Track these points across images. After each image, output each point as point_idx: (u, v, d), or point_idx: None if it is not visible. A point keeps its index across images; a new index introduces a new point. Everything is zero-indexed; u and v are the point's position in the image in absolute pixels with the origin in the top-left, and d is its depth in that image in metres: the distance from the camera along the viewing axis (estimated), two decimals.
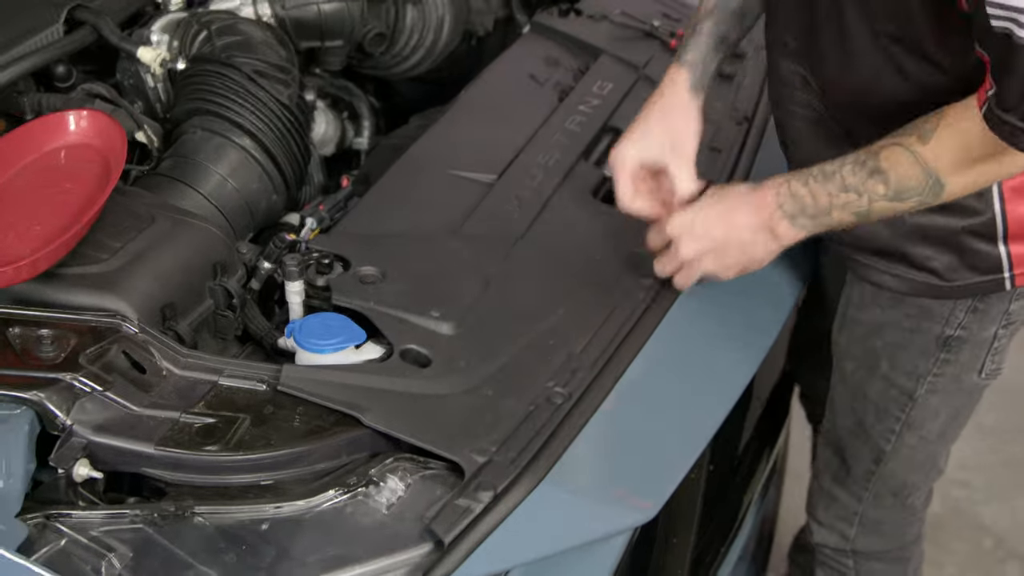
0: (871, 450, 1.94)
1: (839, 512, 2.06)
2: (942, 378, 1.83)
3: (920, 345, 1.81)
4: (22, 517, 1.34)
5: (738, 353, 1.75)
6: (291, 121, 1.95)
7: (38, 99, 1.98)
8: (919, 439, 1.91)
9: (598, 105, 2.14)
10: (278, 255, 1.75)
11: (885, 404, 1.88)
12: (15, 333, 1.53)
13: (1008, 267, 1.70)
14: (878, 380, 1.87)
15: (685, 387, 1.68)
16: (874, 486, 1.98)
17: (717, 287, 1.77)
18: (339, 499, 1.42)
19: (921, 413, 1.87)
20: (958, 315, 1.77)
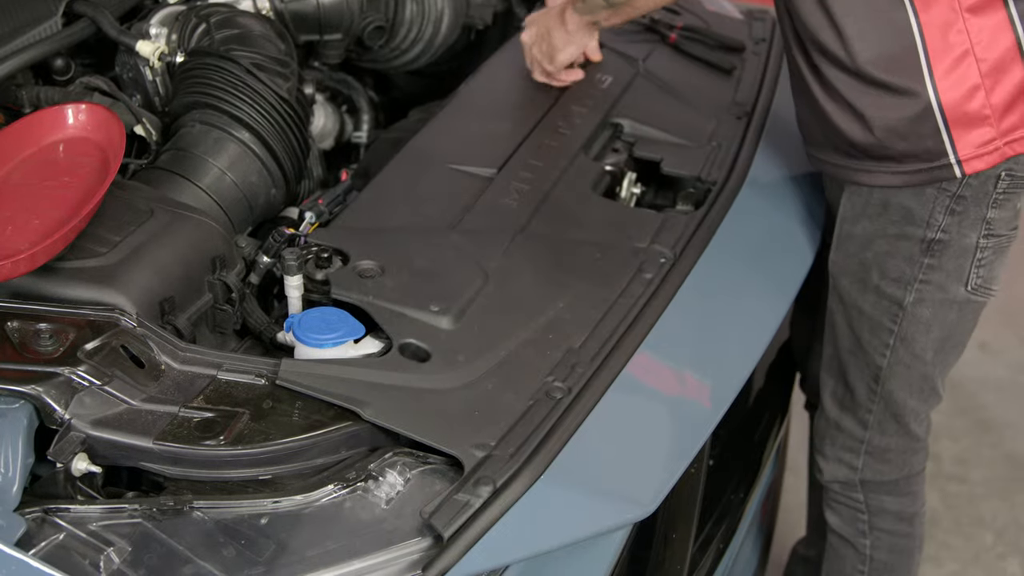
0: (869, 367, 2.01)
1: (845, 443, 2.13)
2: (928, 285, 1.90)
3: (905, 251, 1.89)
4: (21, 511, 1.34)
5: (737, 349, 1.75)
6: (290, 115, 1.95)
7: (37, 92, 1.98)
8: (913, 356, 1.97)
9: (598, 99, 2.14)
10: (277, 249, 1.75)
11: (878, 317, 1.96)
12: (13, 327, 1.53)
13: (952, 152, 1.79)
14: (870, 292, 1.95)
15: (684, 382, 1.68)
16: (877, 409, 2.05)
17: (715, 281, 1.77)
18: (338, 494, 1.42)
19: (912, 326, 1.94)
20: (937, 217, 1.84)
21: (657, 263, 1.78)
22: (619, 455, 1.54)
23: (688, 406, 1.65)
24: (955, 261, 1.89)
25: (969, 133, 1.78)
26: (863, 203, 1.91)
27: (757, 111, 2.18)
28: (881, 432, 2.08)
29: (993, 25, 1.74)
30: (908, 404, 2.04)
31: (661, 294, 1.72)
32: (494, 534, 1.37)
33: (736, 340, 1.76)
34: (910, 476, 2.15)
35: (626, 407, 1.56)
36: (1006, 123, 1.78)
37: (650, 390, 1.63)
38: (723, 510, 2.08)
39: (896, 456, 2.11)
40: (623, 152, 2.06)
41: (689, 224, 1.86)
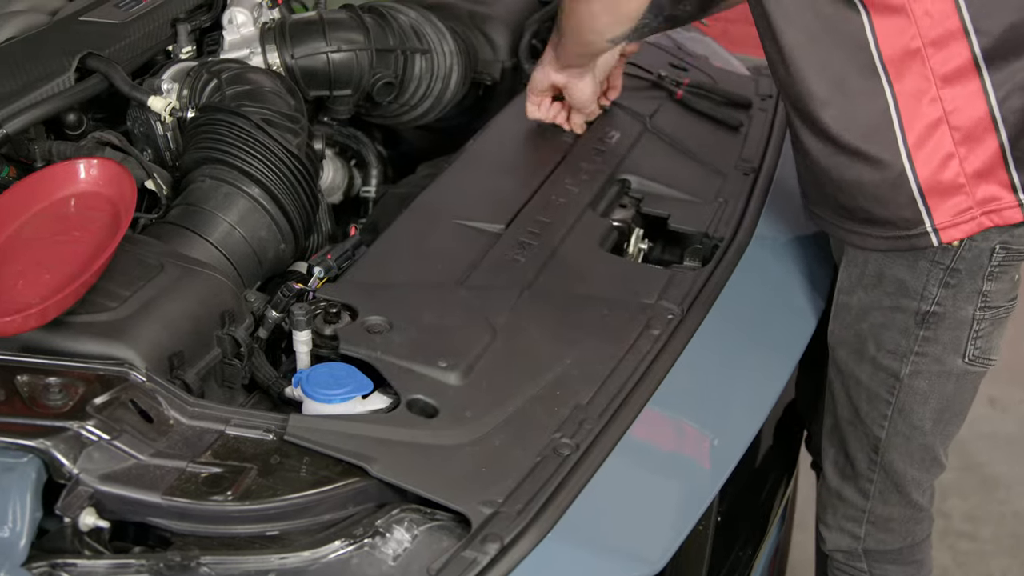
0: (868, 438, 1.99)
1: (847, 512, 2.10)
2: (925, 358, 1.89)
3: (900, 323, 1.87)
4: (28, 566, 1.34)
5: (744, 406, 1.75)
6: (300, 170, 1.96)
7: (49, 147, 2.00)
8: (912, 428, 1.95)
9: (605, 155, 2.15)
10: (286, 304, 1.75)
11: (875, 388, 1.94)
12: (23, 381, 1.53)
13: (928, 220, 1.78)
14: (867, 363, 1.93)
15: (691, 439, 1.68)
16: (878, 479, 2.02)
17: (722, 338, 1.78)
18: (345, 550, 1.42)
19: (909, 397, 1.92)
20: (931, 290, 1.83)
21: (664, 319, 1.78)
22: (627, 512, 1.54)
23: (695, 463, 1.65)
24: (951, 333, 1.87)
25: (944, 202, 1.76)
26: (859, 274, 1.90)
27: (764, 167, 2.19)
28: (883, 502, 2.05)
29: (967, 94, 1.73)
30: (909, 474, 2.01)
31: (668, 351, 1.72)
32: None
33: (743, 397, 1.76)
34: (914, 544, 2.12)
35: (634, 464, 1.56)
36: (981, 193, 1.76)
37: (658, 447, 1.63)
38: (731, 568, 2.07)
39: (899, 525, 2.09)
40: (630, 208, 2.07)
41: (696, 280, 1.87)
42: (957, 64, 1.71)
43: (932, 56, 1.71)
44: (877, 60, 1.73)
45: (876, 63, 1.73)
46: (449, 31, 2.41)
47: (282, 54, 2.22)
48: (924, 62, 1.72)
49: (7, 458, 1.43)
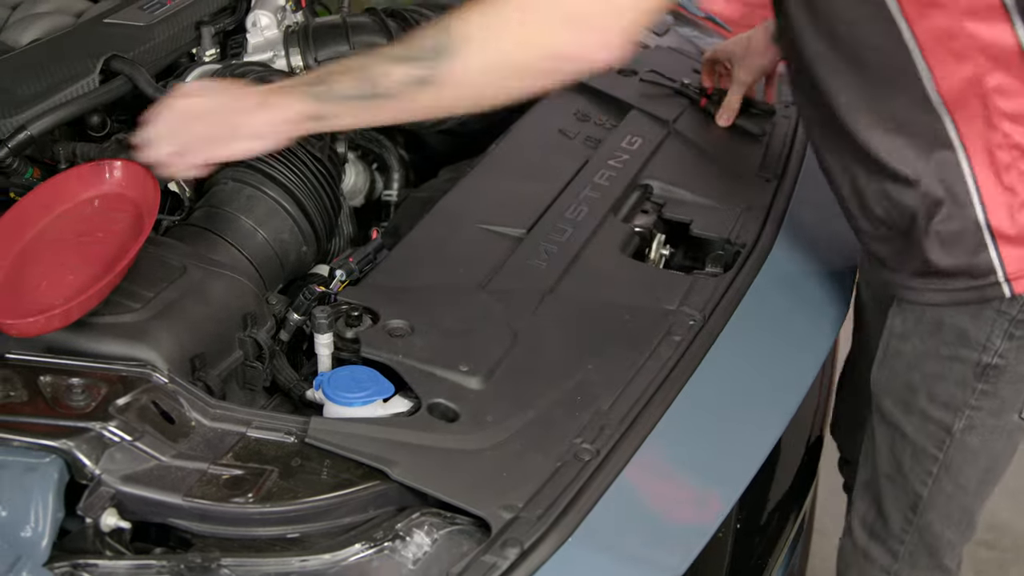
0: (908, 495, 1.90)
1: (872, 573, 2.02)
2: (980, 412, 1.79)
3: (958, 374, 1.77)
4: (50, 566, 1.35)
5: (765, 412, 1.75)
6: (322, 173, 1.96)
7: (73, 148, 2.01)
8: (956, 487, 1.87)
9: (627, 160, 2.15)
10: (307, 307, 1.75)
11: (923, 442, 1.84)
12: (46, 381, 1.54)
13: (1001, 271, 1.68)
14: (916, 415, 1.84)
15: (712, 444, 1.68)
16: (910, 541, 1.94)
17: (744, 344, 1.77)
18: (365, 553, 1.42)
19: (959, 454, 1.83)
20: (995, 341, 1.73)
21: (686, 325, 1.78)
22: (647, 518, 1.54)
23: (716, 468, 1.65)
24: (1011, 387, 1.77)
25: (1017, 250, 1.66)
26: (915, 320, 1.79)
27: (786, 174, 2.18)
28: (912, 565, 1.97)
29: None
30: (944, 536, 1.93)
31: (690, 357, 1.72)
32: None
33: (764, 404, 1.76)
34: None
35: (654, 469, 1.56)
36: None
37: (678, 452, 1.62)
38: (751, 574, 2.06)
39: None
40: (652, 213, 2.06)
41: (718, 287, 1.86)
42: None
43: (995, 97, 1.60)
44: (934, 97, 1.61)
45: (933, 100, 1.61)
46: None
47: (305, 57, 2.23)
48: (988, 101, 1.60)
49: (30, 458, 1.44)
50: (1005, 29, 1.56)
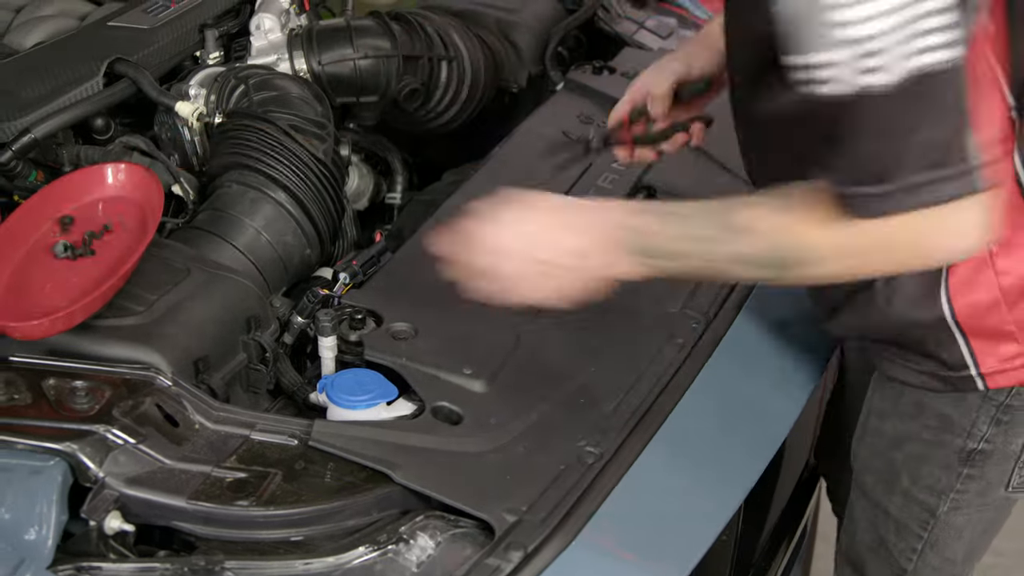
0: (892, 568, 1.84)
1: None
2: (966, 494, 1.72)
3: (942, 459, 1.70)
4: (53, 569, 1.35)
5: (770, 415, 1.75)
6: (326, 176, 1.96)
7: (77, 151, 2.01)
8: (943, 560, 1.80)
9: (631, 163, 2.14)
10: (311, 310, 1.75)
11: (906, 521, 1.78)
12: (50, 384, 1.54)
13: (974, 367, 1.60)
14: (898, 495, 1.77)
15: (716, 448, 1.68)
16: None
17: (748, 346, 1.77)
18: (369, 556, 1.42)
19: (944, 532, 1.76)
20: (980, 427, 1.65)
21: (689, 328, 1.78)
22: (650, 521, 1.54)
23: (720, 471, 1.65)
24: (998, 468, 1.69)
25: (992, 348, 1.58)
26: (894, 398, 1.72)
27: None
28: None
29: (1019, 243, 1.52)
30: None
31: (693, 360, 1.72)
32: None
33: (768, 407, 1.76)
34: None
35: (658, 472, 1.56)
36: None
37: (682, 455, 1.62)
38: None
39: None
40: None
41: (721, 290, 1.86)
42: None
43: None
44: None
45: None
46: (475, 38, 2.41)
47: (309, 60, 2.23)
48: None
49: (34, 461, 1.44)
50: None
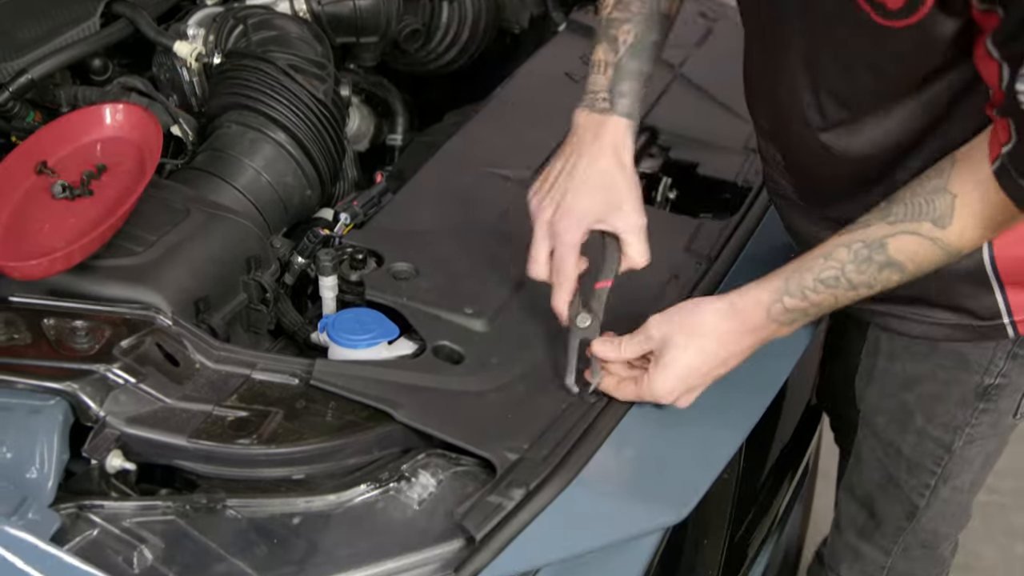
0: (903, 506, 1.85)
1: (865, 568, 1.97)
2: (980, 427, 1.72)
3: (958, 396, 1.69)
4: (55, 507, 1.35)
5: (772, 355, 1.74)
6: (326, 116, 1.95)
7: (74, 92, 2.00)
8: (953, 490, 1.81)
9: None
10: (312, 250, 1.75)
11: (919, 459, 1.78)
12: (49, 324, 1.54)
13: (1008, 316, 1.58)
14: (912, 434, 1.76)
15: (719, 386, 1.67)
16: (904, 540, 1.89)
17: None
18: (370, 494, 1.42)
19: (958, 465, 1.77)
20: (997, 363, 1.65)
21: (691, 268, 1.77)
22: (652, 459, 1.54)
23: (721, 411, 1.64)
24: (1010, 399, 1.69)
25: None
26: (904, 342, 1.69)
27: None
28: (906, 558, 1.92)
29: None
30: (940, 532, 1.89)
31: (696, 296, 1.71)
32: (526, 536, 1.37)
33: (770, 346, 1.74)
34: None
35: (659, 410, 1.56)
36: None
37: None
38: (755, 516, 2.07)
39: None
40: (659, 156, 2.05)
41: (724, 230, 1.85)
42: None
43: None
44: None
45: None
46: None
47: (309, 0, 2.21)
48: None
49: (34, 400, 1.44)
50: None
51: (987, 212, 1.36)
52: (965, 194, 1.37)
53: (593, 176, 1.55)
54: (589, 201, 1.54)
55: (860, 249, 1.42)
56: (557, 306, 1.57)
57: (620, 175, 1.57)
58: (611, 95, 1.59)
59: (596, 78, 1.60)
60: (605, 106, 1.58)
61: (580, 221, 1.54)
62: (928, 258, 1.40)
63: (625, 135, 1.58)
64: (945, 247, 1.39)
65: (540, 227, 1.56)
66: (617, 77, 1.59)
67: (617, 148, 1.57)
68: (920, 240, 1.39)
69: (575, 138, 1.59)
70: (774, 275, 1.49)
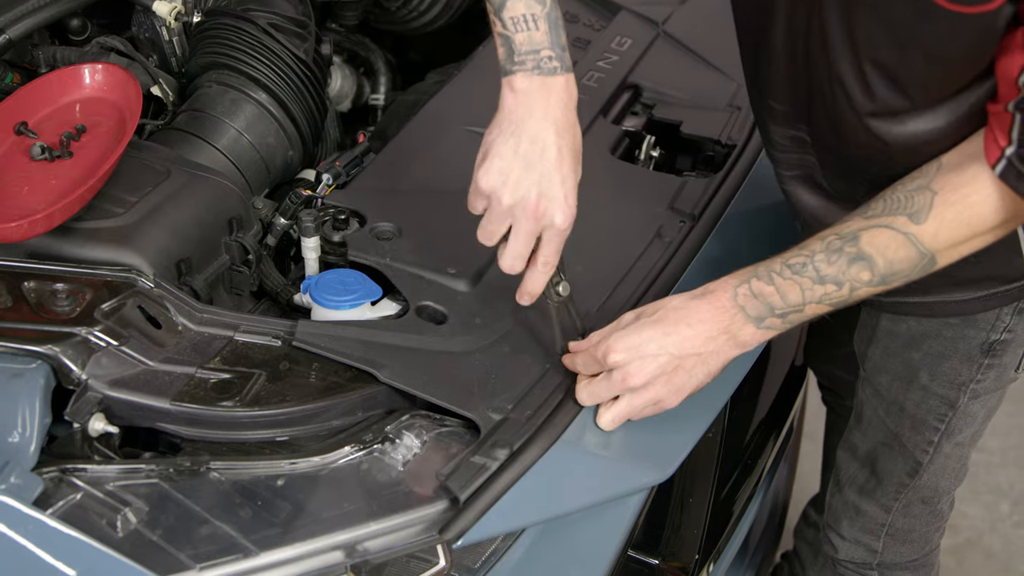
0: (907, 463, 1.85)
1: (866, 525, 1.97)
2: (984, 382, 1.73)
3: (963, 352, 1.69)
4: (38, 471, 1.34)
5: None
6: (307, 76, 1.94)
7: (53, 52, 1.98)
8: (955, 446, 1.81)
9: (617, 61, 2.12)
10: (294, 211, 1.74)
11: (923, 416, 1.77)
12: (30, 287, 1.52)
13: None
14: (916, 392, 1.76)
15: None
16: (905, 497, 1.90)
17: (734, 245, 1.76)
18: (355, 456, 1.42)
19: (961, 420, 1.77)
20: (1004, 319, 1.65)
21: (675, 227, 1.77)
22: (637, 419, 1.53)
23: None
24: (1014, 354, 1.70)
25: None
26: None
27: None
28: (906, 515, 1.93)
29: None
30: (940, 487, 1.88)
31: (679, 258, 1.71)
32: (511, 497, 1.37)
33: None
34: (930, 552, 2.02)
35: None
36: None
37: None
38: (740, 475, 2.07)
39: (919, 536, 1.97)
40: (642, 115, 2.04)
41: (708, 188, 1.85)
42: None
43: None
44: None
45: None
46: None
47: None
48: None
49: (15, 364, 1.43)
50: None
51: (964, 215, 1.36)
52: (946, 193, 1.36)
53: (569, 154, 1.46)
54: (574, 180, 1.47)
55: (833, 240, 1.41)
56: (536, 289, 1.51)
57: (581, 141, 1.50)
58: (557, 52, 1.45)
59: (528, 36, 1.44)
60: (554, 66, 1.45)
61: (574, 205, 1.47)
62: (899, 255, 1.39)
63: (575, 92, 1.48)
64: (917, 244, 1.37)
65: (524, 211, 1.45)
66: (553, 31, 1.46)
67: (572, 110, 1.48)
68: (893, 234, 1.38)
69: (523, 109, 1.45)
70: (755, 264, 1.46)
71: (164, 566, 1.28)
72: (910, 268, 1.40)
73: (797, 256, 1.42)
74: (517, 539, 1.46)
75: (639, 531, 1.60)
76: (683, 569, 1.86)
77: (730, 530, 2.02)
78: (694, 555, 1.87)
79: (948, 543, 2.97)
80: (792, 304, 1.43)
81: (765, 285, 1.43)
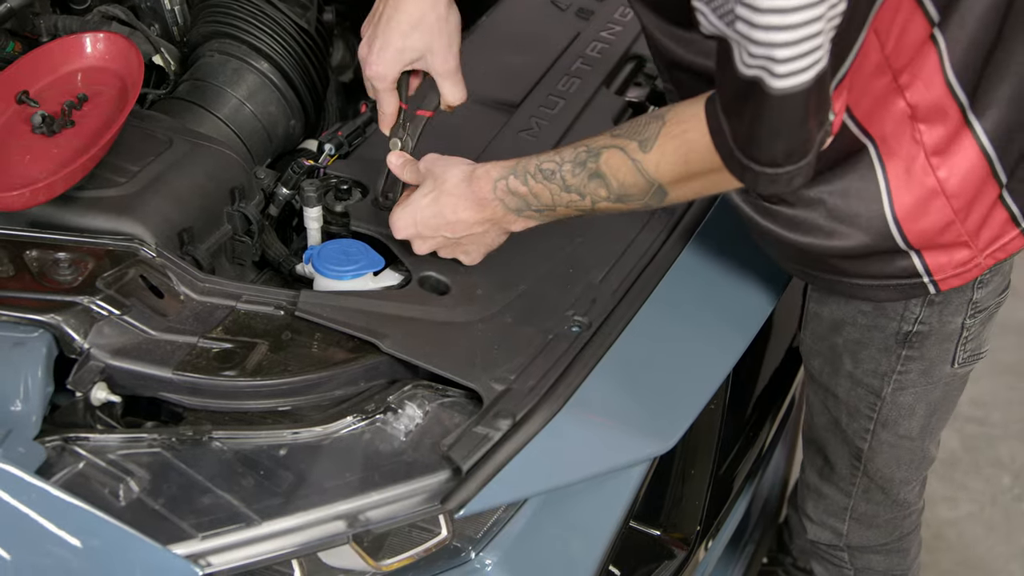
0: (850, 448, 1.86)
1: (829, 508, 1.99)
2: (909, 375, 1.72)
3: (879, 342, 1.70)
4: (40, 440, 1.35)
5: (759, 284, 1.74)
6: (310, 45, 1.93)
7: (54, 21, 1.96)
8: (898, 437, 1.80)
9: (620, 32, 2.11)
10: (296, 181, 1.74)
11: (855, 403, 1.79)
12: (32, 256, 1.52)
13: (927, 276, 1.58)
14: (844, 378, 1.77)
15: (705, 317, 1.67)
16: (861, 482, 1.90)
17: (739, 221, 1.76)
18: (357, 426, 1.42)
19: (894, 412, 1.77)
20: (913, 311, 1.65)
21: None
22: (639, 390, 1.54)
23: (709, 341, 1.64)
24: (938, 347, 1.69)
25: (945, 257, 1.56)
26: (827, 286, 1.69)
27: None
28: (867, 500, 1.93)
29: (963, 161, 1.50)
30: (896, 476, 1.87)
31: (683, 228, 1.71)
32: (513, 467, 1.37)
33: (757, 276, 1.75)
34: (901, 537, 2.01)
35: (646, 341, 1.56)
36: (983, 239, 1.56)
37: (670, 325, 1.61)
38: (742, 446, 2.08)
39: (885, 523, 1.97)
40: (646, 86, 2.03)
41: None
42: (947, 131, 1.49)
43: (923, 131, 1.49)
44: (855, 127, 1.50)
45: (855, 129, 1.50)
46: None
47: None
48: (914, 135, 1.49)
49: (17, 333, 1.43)
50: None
51: (682, 151, 1.40)
52: (671, 125, 1.41)
53: (405, 19, 1.59)
54: (401, 43, 1.59)
55: (581, 152, 1.48)
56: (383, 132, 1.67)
57: (432, 17, 1.60)
58: None
59: None
60: None
61: (392, 62, 1.60)
62: (628, 179, 1.44)
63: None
64: (643, 171, 1.43)
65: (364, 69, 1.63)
66: None
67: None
68: (624, 158, 1.44)
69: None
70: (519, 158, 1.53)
71: (166, 535, 1.29)
72: (641, 193, 1.46)
73: (550, 161, 1.50)
74: (519, 509, 1.46)
75: (641, 502, 1.60)
76: (684, 540, 1.87)
77: (730, 504, 2.02)
78: (695, 527, 1.87)
79: (949, 516, 2.98)
80: (544, 205, 1.51)
81: (520, 185, 1.51)
